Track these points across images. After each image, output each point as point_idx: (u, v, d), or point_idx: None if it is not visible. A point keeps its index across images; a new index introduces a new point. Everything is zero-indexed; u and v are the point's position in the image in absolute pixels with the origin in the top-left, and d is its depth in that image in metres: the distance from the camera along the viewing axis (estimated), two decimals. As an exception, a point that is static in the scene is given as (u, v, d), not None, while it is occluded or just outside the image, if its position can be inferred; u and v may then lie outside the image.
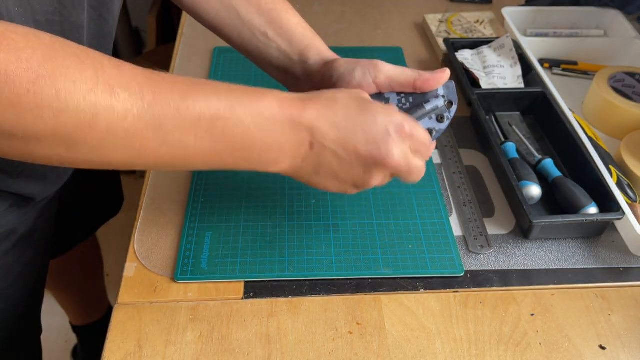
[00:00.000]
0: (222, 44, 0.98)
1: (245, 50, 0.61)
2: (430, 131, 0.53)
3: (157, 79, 0.39)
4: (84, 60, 0.36)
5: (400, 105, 0.53)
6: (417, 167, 0.49)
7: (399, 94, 0.53)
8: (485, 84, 0.83)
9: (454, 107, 0.53)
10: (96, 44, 0.58)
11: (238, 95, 0.42)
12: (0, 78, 0.33)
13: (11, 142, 0.36)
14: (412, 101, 0.53)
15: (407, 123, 0.47)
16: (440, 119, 0.53)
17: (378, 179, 0.48)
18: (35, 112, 0.35)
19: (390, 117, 0.46)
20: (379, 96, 0.54)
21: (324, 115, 0.45)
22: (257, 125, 0.42)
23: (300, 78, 0.58)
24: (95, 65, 0.37)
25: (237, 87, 0.43)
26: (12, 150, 0.38)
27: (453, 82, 0.54)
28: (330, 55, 0.58)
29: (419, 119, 0.53)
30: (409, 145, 0.48)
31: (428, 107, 0.53)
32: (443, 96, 0.53)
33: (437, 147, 0.76)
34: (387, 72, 0.53)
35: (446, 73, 0.53)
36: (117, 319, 0.55)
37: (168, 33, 1.86)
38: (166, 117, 0.39)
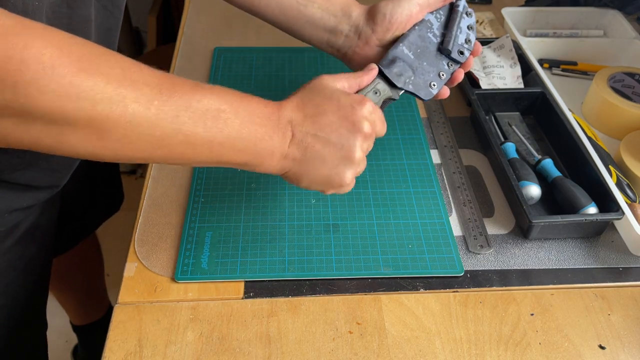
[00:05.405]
0: (222, 44, 0.97)
1: (287, 20, 0.63)
2: (468, 40, 0.61)
3: (169, 76, 0.45)
4: (109, 59, 0.42)
5: (437, 17, 0.61)
6: (378, 130, 0.55)
7: (431, 13, 0.61)
8: (485, 84, 0.83)
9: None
10: (102, 38, 0.58)
11: (231, 95, 0.49)
12: (47, 71, 0.37)
13: (50, 129, 0.40)
14: (442, 13, 0.62)
15: (365, 99, 0.53)
16: (469, 28, 0.62)
17: (361, 148, 0.52)
18: (76, 101, 0.39)
19: (351, 96, 0.53)
20: (421, 22, 0.60)
21: (297, 110, 0.52)
22: (251, 119, 0.49)
23: (350, 35, 0.62)
24: (120, 64, 0.42)
25: (228, 90, 0.49)
26: (46, 139, 0.41)
27: None
28: (365, 6, 0.62)
29: (455, 27, 0.61)
30: (371, 113, 0.53)
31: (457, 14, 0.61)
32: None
33: (437, 147, 0.76)
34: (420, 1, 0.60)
35: None
36: (118, 318, 0.56)
37: (168, 33, 1.86)
38: (181, 108, 0.44)
